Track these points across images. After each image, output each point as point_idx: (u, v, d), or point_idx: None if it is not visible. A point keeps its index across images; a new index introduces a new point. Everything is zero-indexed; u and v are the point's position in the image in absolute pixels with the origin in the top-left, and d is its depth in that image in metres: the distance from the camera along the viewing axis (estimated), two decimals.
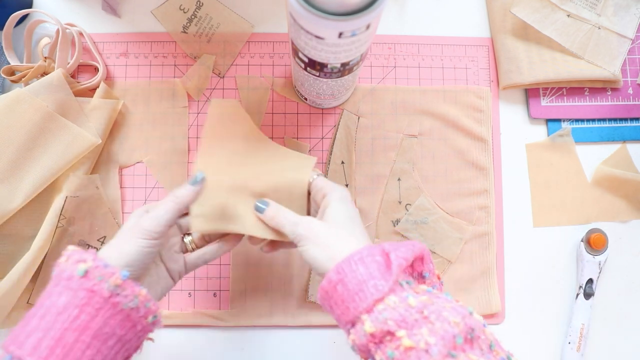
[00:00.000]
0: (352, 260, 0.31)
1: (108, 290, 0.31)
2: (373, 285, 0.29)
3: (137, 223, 0.35)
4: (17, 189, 0.44)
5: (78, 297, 0.31)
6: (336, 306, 0.31)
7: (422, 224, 0.49)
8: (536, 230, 0.51)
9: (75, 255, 0.32)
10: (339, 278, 0.31)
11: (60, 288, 0.31)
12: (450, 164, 0.51)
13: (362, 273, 0.30)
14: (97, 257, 0.32)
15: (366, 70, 0.52)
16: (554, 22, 0.51)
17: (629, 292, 0.50)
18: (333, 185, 0.38)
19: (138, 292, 0.32)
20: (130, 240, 0.34)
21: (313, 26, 0.31)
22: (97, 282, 0.31)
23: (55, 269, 0.33)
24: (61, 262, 0.33)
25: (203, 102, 0.51)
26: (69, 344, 0.30)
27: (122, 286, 0.32)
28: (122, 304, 0.32)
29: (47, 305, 0.31)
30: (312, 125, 0.51)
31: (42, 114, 0.45)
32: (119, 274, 0.32)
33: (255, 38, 0.52)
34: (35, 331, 0.30)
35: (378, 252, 0.32)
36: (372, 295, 0.29)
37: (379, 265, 0.30)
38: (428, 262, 0.34)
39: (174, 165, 0.50)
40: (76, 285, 0.31)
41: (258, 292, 0.48)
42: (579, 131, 0.52)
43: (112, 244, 0.35)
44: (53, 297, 0.31)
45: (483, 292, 0.49)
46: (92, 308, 0.31)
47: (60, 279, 0.32)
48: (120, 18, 0.52)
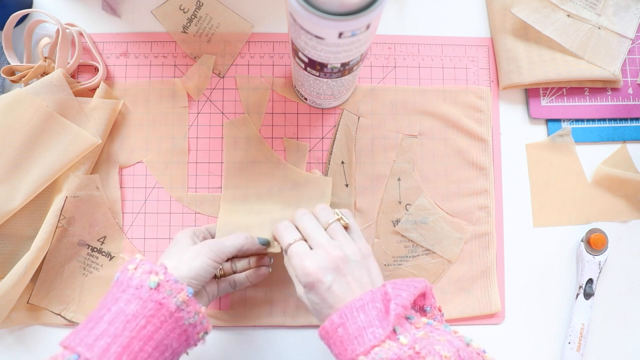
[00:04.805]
0: (354, 307, 0.33)
1: (175, 305, 0.33)
2: (371, 332, 0.31)
3: (207, 244, 0.39)
4: (17, 189, 0.44)
5: (147, 307, 0.32)
6: (335, 346, 0.33)
7: (422, 224, 0.49)
8: (536, 230, 0.51)
9: (146, 266, 0.34)
10: (341, 322, 0.32)
11: (128, 295, 0.33)
12: (450, 164, 0.51)
13: (362, 320, 0.32)
14: (167, 272, 0.34)
15: (366, 70, 0.52)
16: (554, 22, 0.51)
17: (629, 292, 0.50)
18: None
19: (199, 310, 0.35)
20: (198, 257, 0.37)
21: (313, 26, 0.31)
22: (166, 296, 0.33)
23: (120, 274, 0.34)
24: (129, 269, 0.34)
25: (203, 102, 0.51)
26: (134, 352, 0.31)
27: (187, 302, 0.34)
28: (184, 319, 0.34)
29: (115, 311, 0.32)
30: (312, 125, 0.51)
31: (42, 114, 0.45)
32: (187, 290, 0.34)
33: (255, 38, 0.52)
34: (104, 335, 0.31)
35: (380, 297, 0.33)
36: (370, 342, 0.31)
37: (379, 313, 0.32)
38: (430, 297, 0.36)
39: (174, 165, 0.50)
40: (146, 295, 0.32)
41: (258, 292, 0.48)
42: (579, 131, 0.52)
43: (177, 258, 0.37)
44: (120, 303, 0.32)
45: (483, 292, 0.49)
46: (157, 320, 0.32)
47: (128, 286, 0.33)
48: (120, 18, 0.52)
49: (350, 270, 0.35)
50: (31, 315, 0.47)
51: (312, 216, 0.40)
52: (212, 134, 0.50)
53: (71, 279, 0.47)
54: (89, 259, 0.47)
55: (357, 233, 0.40)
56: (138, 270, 0.34)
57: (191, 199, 0.49)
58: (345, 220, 0.39)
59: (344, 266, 0.35)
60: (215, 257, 0.38)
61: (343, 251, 0.36)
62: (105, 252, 0.48)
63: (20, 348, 0.47)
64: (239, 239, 0.41)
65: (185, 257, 0.37)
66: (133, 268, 0.34)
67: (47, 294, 0.46)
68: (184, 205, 0.49)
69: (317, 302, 0.35)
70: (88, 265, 0.47)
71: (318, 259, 0.35)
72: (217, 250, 0.38)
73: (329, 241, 0.37)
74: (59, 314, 0.47)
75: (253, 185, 0.49)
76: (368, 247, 0.38)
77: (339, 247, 0.36)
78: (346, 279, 0.35)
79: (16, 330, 0.47)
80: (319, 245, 0.36)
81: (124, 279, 0.34)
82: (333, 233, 0.38)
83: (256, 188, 0.49)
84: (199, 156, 0.50)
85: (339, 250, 0.36)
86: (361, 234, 0.40)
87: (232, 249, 0.40)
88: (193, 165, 0.50)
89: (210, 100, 0.51)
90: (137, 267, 0.34)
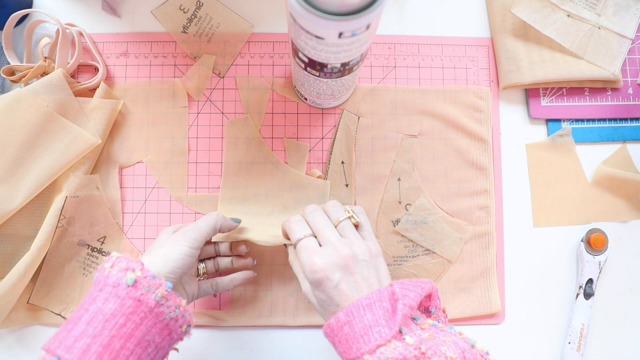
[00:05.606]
0: (361, 306, 0.32)
1: (154, 300, 0.33)
2: (377, 332, 0.31)
3: (181, 232, 0.38)
4: (17, 189, 0.44)
5: (125, 305, 0.32)
6: (340, 344, 0.33)
7: (422, 224, 0.49)
8: (536, 230, 0.51)
9: (122, 263, 0.34)
10: (347, 320, 0.32)
11: (105, 294, 0.32)
12: (450, 164, 0.51)
13: (369, 319, 0.32)
14: (144, 268, 0.34)
15: (366, 70, 0.52)
16: (554, 22, 0.51)
17: (629, 292, 0.50)
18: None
19: (179, 303, 0.34)
20: (174, 247, 0.37)
21: (313, 26, 0.31)
22: (144, 292, 0.33)
23: (97, 274, 0.34)
24: (106, 268, 0.34)
25: (203, 102, 0.51)
26: (115, 350, 0.31)
27: (166, 297, 0.33)
28: (165, 314, 0.33)
29: (93, 311, 0.32)
30: (312, 125, 0.51)
31: (42, 114, 0.45)
32: (165, 285, 0.34)
33: (255, 38, 0.52)
34: (84, 336, 0.31)
35: (387, 297, 0.33)
36: (375, 341, 0.31)
37: (385, 312, 0.32)
38: (435, 299, 0.36)
39: (174, 165, 0.50)
40: (123, 293, 0.32)
41: (258, 292, 0.48)
42: (579, 131, 0.52)
43: (154, 252, 0.37)
44: (98, 303, 0.32)
45: (483, 292, 0.49)
46: (137, 317, 0.32)
47: (105, 284, 0.33)
48: (120, 18, 0.52)
49: (358, 269, 0.35)
50: (31, 315, 0.47)
51: (323, 213, 0.39)
52: (212, 134, 0.50)
53: (71, 279, 0.47)
54: (89, 259, 0.48)
55: (368, 231, 0.40)
56: (114, 268, 0.33)
57: (191, 199, 0.49)
58: (356, 218, 0.39)
59: (353, 265, 0.35)
60: (192, 243, 0.38)
61: (352, 250, 0.36)
62: (105, 252, 0.48)
63: (20, 348, 0.47)
64: (211, 216, 0.41)
65: (162, 250, 0.37)
66: (109, 266, 0.34)
67: (47, 294, 0.47)
68: (184, 205, 0.49)
69: (324, 299, 0.35)
70: (88, 266, 0.47)
71: (327, 256, 0.35)
72: (192, 234, 0.38)
73: (338, 239, 0.36)
74: (59, 314, 0.47)
75: (251, 185, 0.49)
76: (378, 246, 0.38)
77: (348, 246, 0.36)
78: (354, 277, 0.35)
79: (16, 330, 0.47)
80: (329, 242, 0.36)
81: (101, 278, 0.33)
82: (343, 231, 0.38)
83: (254, 189, 0.49)
84: (199, 156, 0.50)
85: (348, 249, 0.35)
86: (372, 233, 0.40)
87: (206, 229, 0.39)
88: (193, 165, 0.50)
89: (210, 100, 0.51)
90: (113, 264, 0.34)
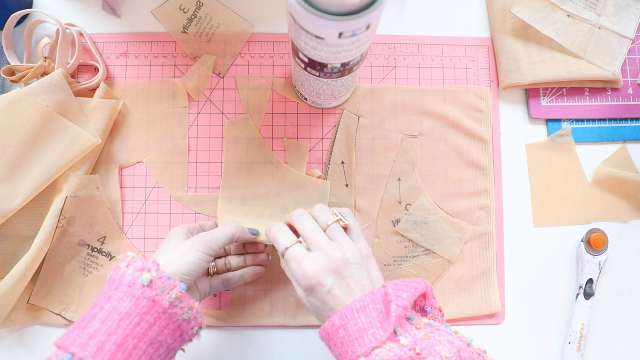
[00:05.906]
0: (355, 309, 0.32)
1: (168, 301, 0.33)
2: (372, 334, 0.31)
3: (199, 237, 0.39)
4: (17, 189, 0.44)
5: (140, 304, 0.32)
6: (335, 347, 0.33)
7: (422, 224, 0.49)
8: (536, 230, 0.51)
9: (138, 263, 0.34)
10: (341, 323, 0.32)
11: (120, 293, 0.33)
12: (450, 164, 0.51)
13: (363, 321, 0.32)
14: (159, 268, 0.34)
15: (366, 70, 0.52)
16: (554, 22, 0.51)
17: (629, 292, 0.50)
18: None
19: (192, 305, 0.35)
20: (189, 252, 0.37)
21: (313, 26, 0.31)
22: (159, 293, 0.33)
23: (112, 272, 0.34)
24: (121, 267, 0.34)
25: (203, 102, 0.51)
26: (128, 349, 0.31)
27: (180, 298, 0.34)
28: (178, 315, 0.34)
29: (107, 309, 0.32)
30: (312, 125, 0.51)
31: (42, 114, 0.45)
32: (179, 286, 0.34)
33: (255, 38, 0.52)
34: (98, 334, 0.31)
35: (380, 298, 0.33)
36: (370, 343, 0.31)
37: (379, 314, 0.32)
38: (430, 298, 0.36)
39: (174, 165, 0.50)
40: (138, 293, 0.32)
41: (258, 292, 0.48)
42: (579, 131, 0.52)
43: (169, 254, 0.37)
44: (113, 301, 0.32)
45: (483, 292, 0.49)
46: (151, 317, 0.32)
47: (121, 283, 0.33)
48: (120, 18, 0.52)
49: (350, 272, 0.35)
50: (31, 315, 0.47)
51: (310, 217, 0.39)
52: (212, 134, 0.50)
53: (71, 279, 0.47)
54: (89, 259, 0.48)
55: (357, 233, 0.39)
56: (130, 268, 0.34)
57: (191, 199, 0.49)
58: (344, 221, 0.39)
59: (344, 268, 0.35)
60: (207, 250, 0.38)
61: (343, 253, 0.36)
62: (105, 252, 0.48)
63: (20, 348, 0.47)
64: (230, 227, 0.40)
65: (177, 252, 0.37)
66: (125, 266, 0.34)
67: (47, 294, 0.47)
68: (184, 205, 0.49)
69: (318, 304, 0.35)
70: (88, 266, 0.47)
71: (318, 262, 0.35)
72: (209, 242, 0.38)
73: (328, 243, 0.36)
74: (59, 314, 0.47)
75: (251, 185, 0.49)
76: (368, 247, 0.38)
77: (338, 249, 0.36)
78: (346, 281, 0.34)
79: (16, 330, 0.47)
80: (318, 247, 0.36)
81: (116, 277, 0.33)
82: (332, 234, 0.38)
83: (254, 189, 0.49)
84: (199, 156, 0.50)
85: (338, 253, 0.35)
86: (361, 234, 0.40)
87: (223, 239, 0.39)
88: (193, 165, 0.50)
89: (210, 100, 0.51)
90: (128, 264, 0.34)
